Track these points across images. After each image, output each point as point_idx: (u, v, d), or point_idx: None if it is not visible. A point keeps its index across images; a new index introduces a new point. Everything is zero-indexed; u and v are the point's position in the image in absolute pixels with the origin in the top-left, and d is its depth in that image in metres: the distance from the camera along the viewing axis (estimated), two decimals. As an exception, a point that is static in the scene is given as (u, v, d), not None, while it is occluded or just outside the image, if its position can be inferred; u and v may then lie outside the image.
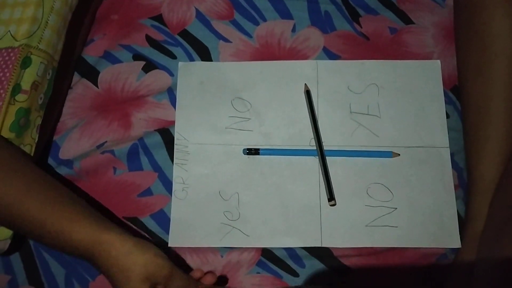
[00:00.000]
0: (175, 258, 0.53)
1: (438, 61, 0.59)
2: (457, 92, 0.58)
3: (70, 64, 0.58)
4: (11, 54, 0.49)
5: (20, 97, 0.49)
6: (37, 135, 0.51)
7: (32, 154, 0.51)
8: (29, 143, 0.51)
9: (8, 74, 0.49)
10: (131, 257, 0.44)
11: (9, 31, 0.50)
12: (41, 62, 0.50)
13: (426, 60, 0.59)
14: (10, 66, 0.49)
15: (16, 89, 0.49)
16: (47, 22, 0.51)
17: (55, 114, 0.57)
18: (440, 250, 0.53)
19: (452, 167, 0.56)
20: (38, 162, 0.55)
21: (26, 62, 0.49)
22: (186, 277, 0.47)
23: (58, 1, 0.52)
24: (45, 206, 0.44)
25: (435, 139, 0.56)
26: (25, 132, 0.50)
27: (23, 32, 0.50)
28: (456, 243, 0.53)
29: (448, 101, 0.58)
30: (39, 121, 0.51)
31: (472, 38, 0.55)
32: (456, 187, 0.55)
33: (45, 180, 0.47)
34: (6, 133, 0.48)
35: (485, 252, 0.50)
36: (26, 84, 0.49)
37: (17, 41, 0.50)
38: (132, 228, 0.54)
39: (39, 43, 0.50)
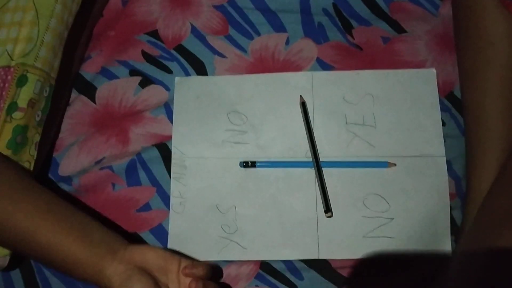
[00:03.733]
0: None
1: (434, 70, 0.57)
2: (453, 99, 0.57)
3: (67, 81, 0.57)
4: (8, 73, 0.49)
5: (17, 114, 0.48)
6: (36, 152, 0.50)
7: (31, 171, 0.50)
8: (27, 160, 0.50)
9: (4, 93, 0.48)
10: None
11: (6, 50, 0.49)
12: (37, 80, 0.49)
13: (422, 69, 0.57)
14: (6, 85, 0.48)
15: (13, 107, 0.48)
16: (43, 41, 0.50)
17: (53, 131, 0.56)
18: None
19: (450, 176, 0.54)
20: (37, 178, 0.55)
21: (22, 80, 0.49)
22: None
23: (54, 20, 0.51)
24: (57, 230, 0.44)
25: (431, 148, 0.55)
26: (23, 149, 0.49)
27: (19, 51, 0.49)
28: (447, 253, 0.52)
29: (444, 109, 0.57)
30: (37, 138, 0.51)
31: (467, 43, 0.54)
32: (453, 196, 0.54)
33: (52, 200, 0.46)
34: (2, 150, 0.48)
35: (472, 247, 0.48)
36: (22, 102, 0.49)
37: (13, 60, 0.49)
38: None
39: (35, 61, 0.50)
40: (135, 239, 0.53)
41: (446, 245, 0.52)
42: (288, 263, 0.52)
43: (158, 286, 0.44)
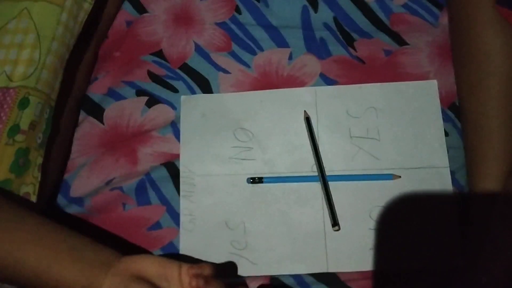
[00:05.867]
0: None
1: (435, 81, 0.58)
2: (455, 110, 0.58)
3: (71, 102, 0.58)
4: (6, 95, 0.49)
5: (19, 137, 0.49)
6: (40, 174, 0.51)
7: (36, 193, 0.50)
8: (31, 182, 0.50)
9: (3, 115, 0.48)
10: None
11: (5, 71, 0.49)
12: (38, 102, 0.50)
13: (423, 81, 0.58)
14: (5, 106, 0.48)
15: (15, 129, 0.48)
16: (44, 63, 0.50)
17: (63, 153, 0.57)
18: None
19: (454, 185, 0.55)
20: (49, 201, 0.57)
21: (24, 103, 0.49)
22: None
23: (55, 42, 0.51)
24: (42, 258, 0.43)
25: (434, 160, 0.56)
26: (26, 172, 0.49)
27: (19, 73, 0.49)
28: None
29: (446, 119, 0.58)
30: (40, 160, 0.51)
31: (465, 56, 0.55)
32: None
33: (39, 225, 0.45)
34: (5, 174, 0.48)
35: None
36: (24, 125, 0.49)
37: (13, 82, 0.49)
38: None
39: (36, 84, 0.50)
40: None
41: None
42: (297, 277, 0.54)
43: None
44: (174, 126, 0.59)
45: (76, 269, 0.43)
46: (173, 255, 0.55)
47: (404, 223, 0.54)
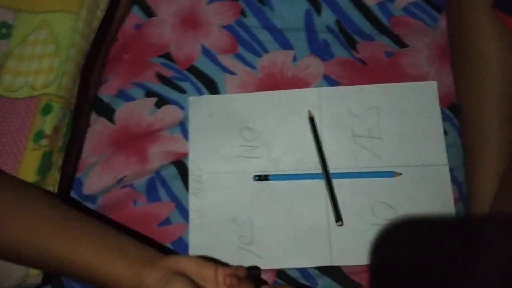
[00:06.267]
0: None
1: (434, 82, 0.61)
2: (454, 110, 0.60)
3: (86, 104, 0.60)
4: (30, 103, 0.52)
5: (44, 141, 0.51)
6: (59, 175, 0.53)
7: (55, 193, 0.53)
8: (51, 184, 0.52)
9: (28, 122, 0.51)
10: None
11: (28, 81, 0.52)
12: (60, 108, 0.52)
13: (423, 82, 0.61)
14: (30, 114, 0.51)
15: (40, 135, 0.51)
16: (64, 70, 0.53)
17: (75, 153, 0.60)
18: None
19: (452, 182, 0.58)
20: (62, 198, 0.59)
21: (46, 110, 0.52)
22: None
23: (73, 50, 0.54)
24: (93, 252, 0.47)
25: (434, 157, 0.58)
26: (48, 174, 0.52)
27: (41, 82, 0.52)
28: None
29: (445, 119, 0.60)
30: (60, 162, 0.53)
31: (463, 58, 0.57)
32: (457, 201, 0.57)
33: (87, 224, 0.49)
34: (33, 177, 0.50)
35: None
36: (48, 130, 0.51)
37: (36, 90, 0.52)
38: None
39: (57, 91, 0.52)
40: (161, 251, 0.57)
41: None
42: (302, 271, 0.56)
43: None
44: (182, 126, 0.61)
45: (123, 263, 0.47)
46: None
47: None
